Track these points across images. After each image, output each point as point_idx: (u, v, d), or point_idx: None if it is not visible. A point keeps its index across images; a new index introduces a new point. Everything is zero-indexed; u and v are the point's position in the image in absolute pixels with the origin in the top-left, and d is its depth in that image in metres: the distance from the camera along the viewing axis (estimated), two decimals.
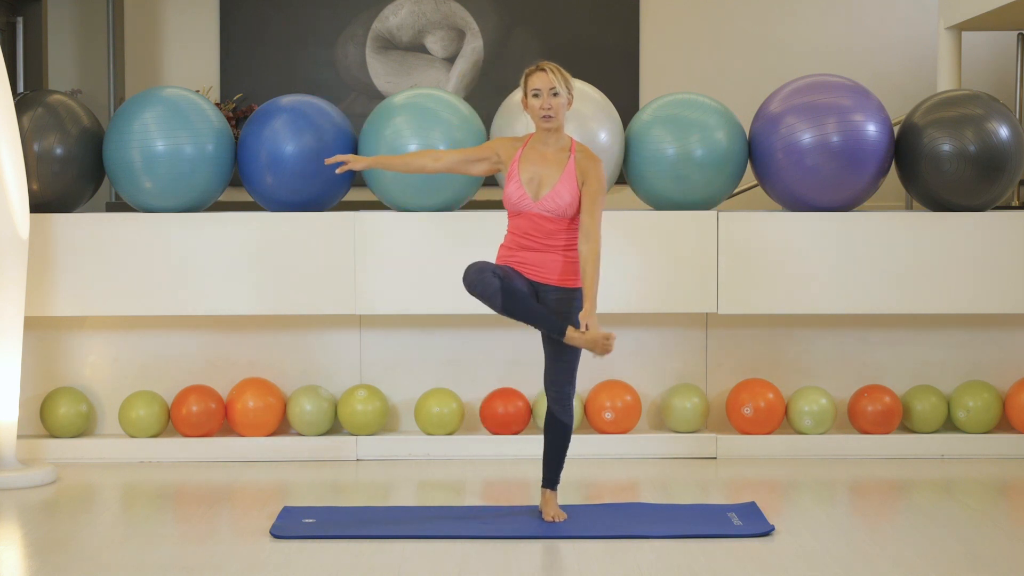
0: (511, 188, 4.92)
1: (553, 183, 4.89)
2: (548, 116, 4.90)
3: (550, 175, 4.90)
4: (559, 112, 4.90)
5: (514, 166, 4.94)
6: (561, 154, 4.95)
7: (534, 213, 4.90)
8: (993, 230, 6.15)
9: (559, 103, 4.90)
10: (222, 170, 6.24)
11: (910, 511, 5.37)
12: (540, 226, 4.91)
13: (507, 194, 4.94)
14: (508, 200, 4.94)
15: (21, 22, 9.02)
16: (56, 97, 6.30)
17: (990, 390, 6.33)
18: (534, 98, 4.92)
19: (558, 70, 4.93)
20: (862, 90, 6.22)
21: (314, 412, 6.27)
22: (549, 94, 4.90)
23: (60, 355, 6.38)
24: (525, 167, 4.93)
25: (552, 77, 4.90)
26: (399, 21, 9.76)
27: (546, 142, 4.96)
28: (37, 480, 5.74)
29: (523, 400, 6.32)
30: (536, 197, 4.89)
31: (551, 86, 4.90)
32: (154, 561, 4.61)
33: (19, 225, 5.79)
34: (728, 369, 6.45)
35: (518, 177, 4.91)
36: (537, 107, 4.91)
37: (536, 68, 4.94)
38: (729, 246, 6.13)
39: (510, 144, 5.02)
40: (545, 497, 5.07)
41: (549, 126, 4.92)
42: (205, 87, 9.61)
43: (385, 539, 4.84)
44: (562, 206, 4.88)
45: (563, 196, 4.88)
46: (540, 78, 4.91)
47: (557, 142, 4.96)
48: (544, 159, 4.94)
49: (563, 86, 4.91)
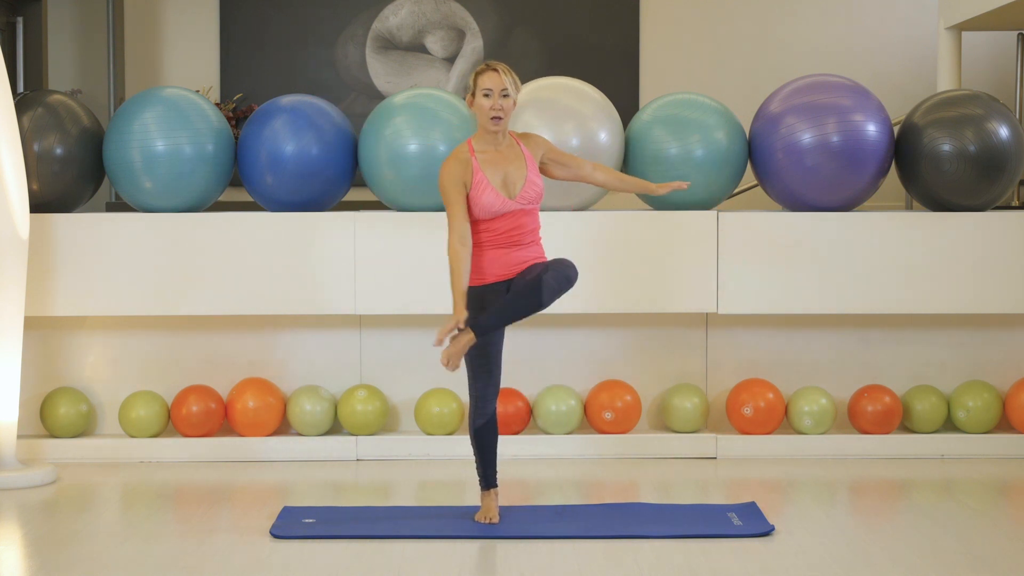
0: (488, 197, 4.88)
1: (523, 175, 4.93)
2: (498, 117, 4.91)
3: (516, 170, 4.93)
4: (508, 113, 4.93)
5: (479, 176, 4.90)
6: (512, 148, 4.98)
7: (516, 210, 4.92)
8: (993, 230, 6.15)
9: (509, 104, 4.92)
10: (222, 170, 6.24)
11: (910, 511, 5.37)
12: (519, 220, 4.93)
13: (484, 204, 4.88)
14: (487, 209, 4.88)
15: (21, 22, 9.02)
16: (56, 97, 6.30)
17: (990, 390, 6.33)
18: (484, 98, 4.92)
19: (509, 71, 4.95)
20: (862, 90, 6.22)
21: (314, 412, 6.27)
22: (500, 95, 4.91)
23: (60, 355, 6.38)
24: (490, 173, 4.91)
25: (504, 78, 4.91)
26: (399, 21, 9.76)
27: (496, 143, 4.97)
28: (37, 480, 5.74)
29: (523, 400, 6.32)
30: (513, 195, 4.91)
31: (502, 87, 4.91)
32: (154, 561, 4.61)
33: (19, 225, 5.79)
34: (728, 369, 6.45)
35: (490, 185, 4.89)
36: (487, 107, 4.91)
37: (487, 68, 4.94)
38: (729, 246, 6.13)
39: (463, 165, 4.92)
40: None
41: (497, 128, 4.93)
42: (205, 87, 9.61)
43: (385, 539, 4.84)
44: (538, 192, 4.95)
45: (536, 183, 4.94)
46: (492, 78, 4.92)
47: (504, 139, 4.99)
48: (503, 158, 4.95)
49: (513, 88, 4.93)
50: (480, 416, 5.01)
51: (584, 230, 6.12)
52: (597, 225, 6.14)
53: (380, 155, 6.17)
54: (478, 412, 5.01)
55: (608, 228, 6.13)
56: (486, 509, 5.05)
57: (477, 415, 5.02)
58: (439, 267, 6.07)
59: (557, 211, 6.18)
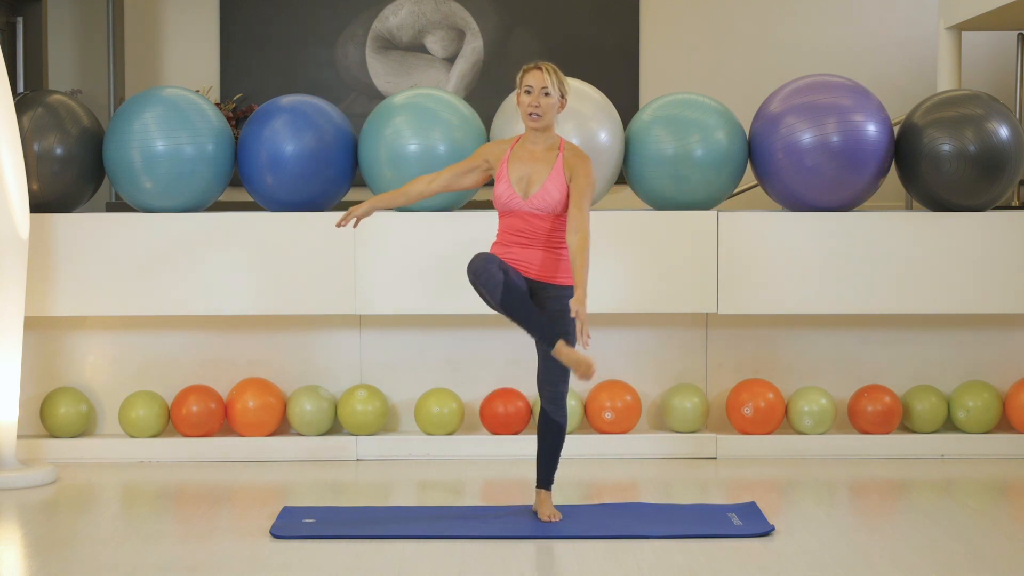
0: (501, 188, 4.95)
1: (542, 181, 4.92)
2: (535, 114, 4.93)
3: (539, 173, 4.93)
4: (547, 112, 4.93)
5: (503, 166, 4.97)
6: (550, 152, 4.98)
7: (525, 211, 4.93)
8: (993, 230, 6.15)
9: (549, 103, 4.93)
10: (222, 170, 6.24)
11: (910, 511, 5.37)
12: (530, 223, 4.94)
13: (497, 194, 4.97)
14: (498, 200, 4.97)
15: (21, 22, 9.02)
16: (56, 97, 6.30)
17: (990, 390, 6.33)
18: (526, 94, 4.95)
19: (554, 71, 4.96)
20: (862, 90, 6.22)
21: (314, 412, 6.27)
22: (540, 93, 4.93)
23: (60, 355, 6.38)
24: (514, 167, 4.95)
25: (546, 77, 4.93)
26: (399, 21, 9.76)
27: (535, 141, 4.99)
28: (37, 480, 5.74)
29: (523, 400, 6.32)
30: (526, 196, 4.92)
31: (543, 85, 4.93)
32: (154, 561, 4.61)
33: (19, 225, 5.79)
34: (728, 369, 6.45)
35: (507, 177, 4.94)
36: (526, 104, 4.94)
37: (533, 66, 4.98)
38: (729, 246, 6.13)
39: (499, 147, 5.05)
40: (540, 497, 5.08)
41: (536, 125, 4.95)
42: (205, 87, 9.61)
43: (385, 539, 4.84)
44: (551, 203, 4.91)
45: (552, 193, 4.91)
46: (534, 76, 4.95)
47: (546, 141, 4.99)
48: (533, 157, 4.97)
49: (556, 88, 4.94)
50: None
51: None
52: (597, 225, 6.13)
53: (380, 155, 6.17)
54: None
55: (608, 228, 6.12)
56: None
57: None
58: (439, 267, 6.08)
59: None
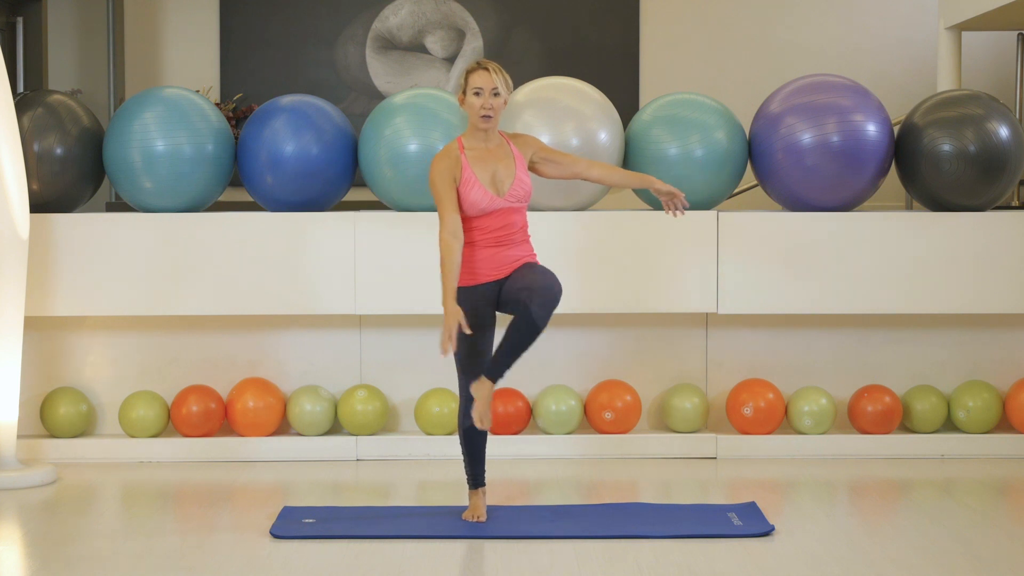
0: (476, 194, 4.91)
1: (512, 173, 4.97)
2: (488, 116, 4.96)
3: (504, 168, 4.97)
4: (498, 112, 4.98)
5: (468, 173, 4.93)
6: (501, 147, 5.02)
7: (505, 208, 4.94)
8: (993, 230, 6.15)
9: (499, 103, 4.97)
10: (222, 170, 6.24)
11: (910, 511, 5.37)
12: (508, 219, 4.96)
13: (472, 200, 4.91)
14: (476, 206, 4.92)
15: (21, 22, 9.02)
16: (56, 97, 6.30)
17: (990, 390, 6.33)
18: (475, 96, 4.96)
19: (500, 71, 5.00)
20: (862, 90, 6.22)
21: (314, 412, 6.27)
22: (490, 94, 4.95)
23: (60, 355, 6.38)
24: (478, 170, 4.95)
25: (494, 78, 4.96)
26: (399, 21, 9.76)
27: (485, 140, 5.02)
28: (37, 480, 5.74)
29: (523, 400, 6.32)
30: (501, 193, 4.93)
31: (493, 86, 4.96)
32: (154, 561, 4.61)
33: (19, 225, 5.79)
34: (728, 369, 6.45)
35: (477, 181, 4.92)
36: (478, 106, 4.95)
37: (478, 66, 5.00)
38: (729, 246, 6.13)
39: (451, 159, 4.96)
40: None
41: (487, 126, 4.98)
42: (205, 87, 9.61)
43: (385, 539, 4.84)
44: (526, 191, 4.98)
45: (525, 181, 4.98)
46: (482, 77, 4.96)
47: (494, 138, 5.03)
48: (491, 155, 4.99)
49: (504, 87, 4.98)
50: (469, 416, 5.02)
51: (584, 230, 6.12)
52: (597, 225, 6.14)
53: (380, 155, 6.17)
54: (467, 412, 5.03)
55: (608, 228, 6.12)
56: (474, 508, 5.09)
57: (466, 415, 5.03)
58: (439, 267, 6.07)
59: (557, 211, 6.18)
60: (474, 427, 5.02)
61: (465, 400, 5.02)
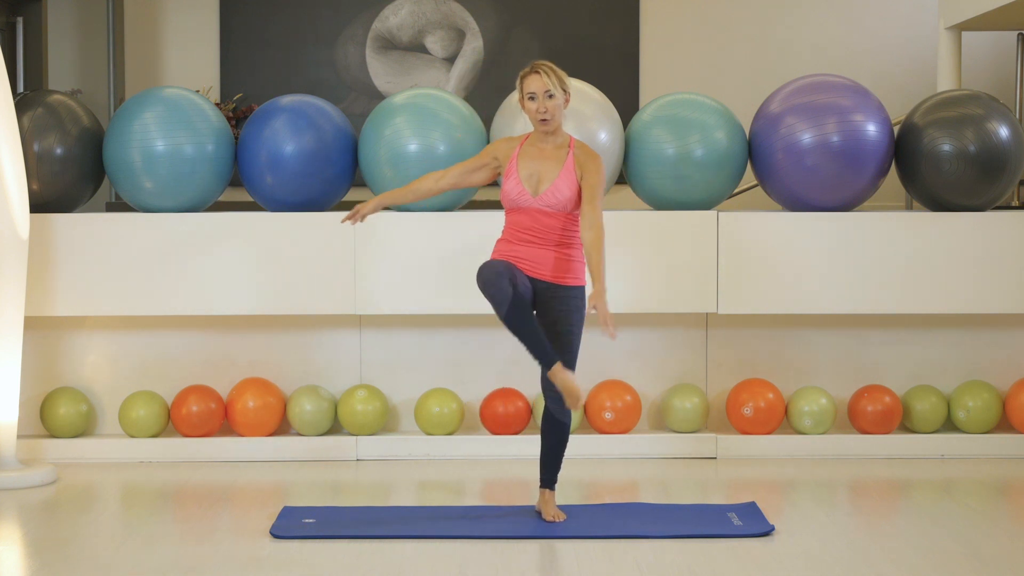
0: (510, 185, 4.95)
1: (553, 178, 4.93)
2: (545, 119, 4.93)
3: (549, 171, 4.94)
4: (556, 113, 4.93)
5: (512, 163, 4.97)
6: (560, 151, 4.98)
7: (534, 208, 4.93)
8: (993, 230, 6.15)
9: (555, 105, 4.92)
10: (222, 170, 6.24)
11: (910, 511, 5.37)
12: (539, 221, 4.94)
13: (506, 191, 4.96)
14: (507, 196, 4.96)
15: (21, 22, 9.02)
16: (56, 97, 6.30)
17: (990, 390, 6.33)
18: (530, 101, 4.94)
19: (552, 71, 4.93)
20: (862, 90, 6.22)
21: (314, 412, 6.27)
22: (544, 97, 4.92)
23: (60, 355, 6.38)
24: (524, 164, 4.95)
25: (546, 80, 4.92)
26: (399, 21, 9.76)
27: (545, 140, 5.00)
28: (37, 480, 5.74)
29: (523, 400, 6.32)
30: (536, 193, 4.92)
31: (546, 89, 4.92)
32: (154, 561, 4.61)
33: (19, 225, 5.79)
34: (728, 369, 6.45)
35: (517, 174, 4.94)
36: (534, 110, 4.93)
37: (531, 70, 4.95)
38: (729, 246, 6.13)
39: (508, 144, 5.05)
40: (544, 497, 5.08)
41: (546, 129, 4.96)
42: (205, 87, 9.61)
43: (385, 539, 4.84)
44: (562, 200, 4.92)
45: (563, 191, 4.92)
46: (534, 81, 4.93)
47: (555, 139, 5.00)
48: (543, 155, 4.97)
49: (558, 87, 4.92)
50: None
51: None
52: None
53: (380, 155, 6.17)
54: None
55: (608, 228, 6.12)
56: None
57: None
58: (439, 267, 6.08)
59: None
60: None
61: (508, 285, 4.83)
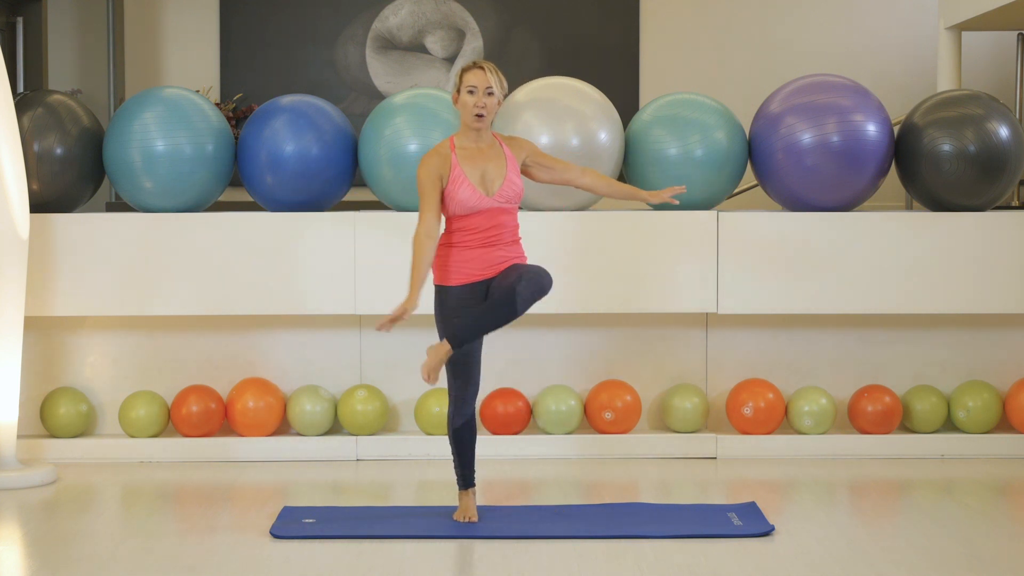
0: (465, 192, 4.90)
1: (503, 173, 4.96)
2: (480, 115, 4.95)
3: (495, 169, 4.97)
4: (491, 111, 4.97)
5: (457, 171, 4.93)
6: (493, 148, 5.02)
7: (493, 208, 4.94)
8: (993, 230, 6.15)
9: (492, 102, 4.96)
10: (222, 170, 6.24)
11: (910, 511, 5.37)
12: (496, 219, 4.95)
13: (460, 199, 4.90)
14: (462, 204, 4.91)
15: (21, 22, 9.02)
16: (56, 97, 6.30)
17: (990, 390, 6.33)
18: (468, 95, 4.95)
19: (495, 70, 4.98)
20: (862, 90, 6.22)
21: (314, 412, 6.27)
22: (484, 93, 4.94)
23: (60, 355, 6.38)
24: (468, 169, 4.94)
25: (489, 77, 4.95)
26: (399, 21, 9.76)
27: (477, 140, 5.01)
28: (37, 480, 5.74)
29: (523, 400, 6.32)
30: (491, 192, 4.93)
31: (487, 85, 4.94)
32: (154, 561, 4.61)
33: (19, 225, 5.79)
34: (728, 369, 6.45)
35: (467, 179, 4.92)
36: (471, 104, 4.94)
37: (474, 65, 4.98)
38: (729, 246, 6.13)
39: (440, 157, 4.96)
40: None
41: (480, 125, 4.96)
42: (205, 87, 9.61)
43: (385, 539, 4.84)
44: (517, 192, 4.97)
45: (516, 182, 4.97)
46: (477, 76, 4.95)
47: (486, 138, 5.03)
48: (482, 155, 4.99)
49: (498, 87, 4.97)
50: (459, 417, 5.03)
51: (584, 230, 6.12)
52: (597, 225, 6.14)
53: (380, 155, 6.17)
54: (457, 413, 5.04)
55: (608, 228, 6.13)
56: (464, 508, 5.08)
57: (456, 416, 5.04)
58: None
59: (557, 211, 6.18)
60: (464, 427, 5.03)
61: (454, 402, 5.03)
